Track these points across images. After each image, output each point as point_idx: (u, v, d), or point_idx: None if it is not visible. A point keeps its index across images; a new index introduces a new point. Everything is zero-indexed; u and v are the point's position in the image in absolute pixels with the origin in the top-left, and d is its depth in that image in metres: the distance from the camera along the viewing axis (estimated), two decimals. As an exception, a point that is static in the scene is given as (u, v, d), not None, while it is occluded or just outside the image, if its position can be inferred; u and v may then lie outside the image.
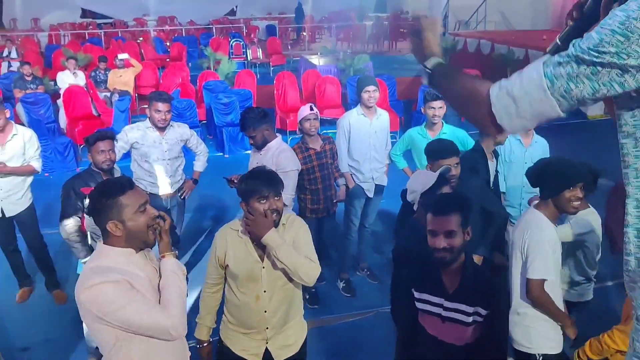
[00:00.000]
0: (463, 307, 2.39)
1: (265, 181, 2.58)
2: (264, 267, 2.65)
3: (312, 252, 2.73)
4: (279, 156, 3.96)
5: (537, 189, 2.95)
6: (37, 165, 4.63)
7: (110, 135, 3.98)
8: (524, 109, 1.22)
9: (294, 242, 2.67)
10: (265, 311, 2.68)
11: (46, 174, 7.81)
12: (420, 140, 4.57)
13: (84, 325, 3.30)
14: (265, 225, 2.52)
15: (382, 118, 4.77)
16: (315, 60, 12.65)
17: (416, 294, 2.53)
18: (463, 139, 4.56)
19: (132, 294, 2.02)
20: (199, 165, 4.98)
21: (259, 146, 4.05)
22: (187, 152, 4.97)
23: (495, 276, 3.28)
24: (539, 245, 2.68)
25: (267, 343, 2.75)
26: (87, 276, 2.04)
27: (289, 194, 3.90)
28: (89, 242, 3.80)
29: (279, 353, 2.77)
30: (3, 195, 4.55)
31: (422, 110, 4.72)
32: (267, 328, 2.72)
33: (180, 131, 4.73)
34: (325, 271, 5.25)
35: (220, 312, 2.89)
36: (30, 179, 4.71)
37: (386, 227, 5.92)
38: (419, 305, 2.53)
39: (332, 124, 9.98)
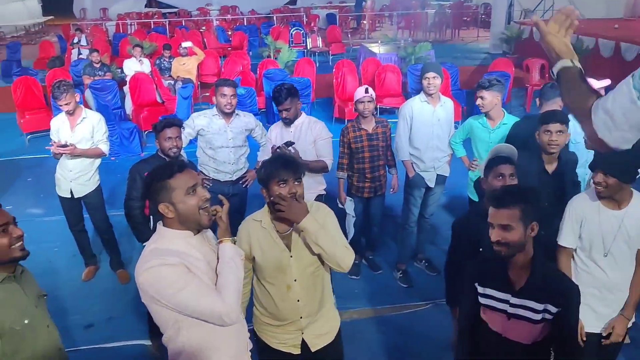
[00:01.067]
0: (531, 304, 2.28)
1: (284, 165, 2.53)
2: (292, 257, 2.61)
3: (343, 237, 2.68)
4: (315, 127, 4.29)
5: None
6: (104, 148, 4.77)
7: (177, 123, 4.02)
8: (620, 122, 1.25)
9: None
10: (298, 300, 2.65)
11: (112, 158, 8.06)
12: (480, 130, 4.43)
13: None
14: (301, 210, 2.48)
15: (447, 106, 4.65)
16: (376, 48, 12.46)
17: (480, 289, 2.43)
18: None
19: (188, 278, 2.04)
20: (263, 156, 4.91)
21: (291, 121, 4.25)
22: (253, 142, 4.98)
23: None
24: (564, 212, 2.98)
25: (302, 333, 2.71)
26: (146, 258, 2.08)
27: (330, 158, 4.32)
28: (152, 225, 3.88)
29: (315, 342, 2.74)
30: (72, 177, 4.72)
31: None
32: (301, 317, 2.68)
33: (245, 120, 4.73)
34: (382, 261, 5.21)
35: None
36: (98, 162, 4.87)
37: (447, 218, 5.79)
38: (482, 300, 2.43)
39: (392, 113, 9.89)
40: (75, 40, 13.39)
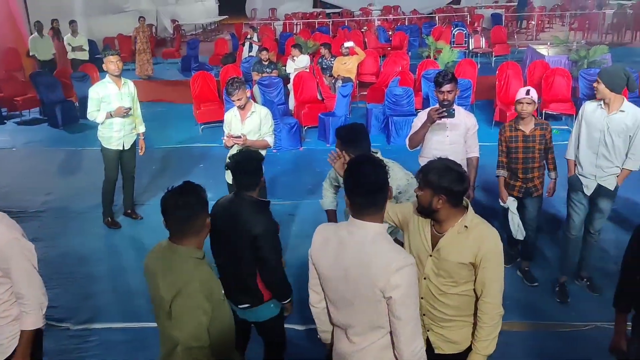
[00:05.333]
0: None
1: None
2: (431, 256, 2.58)
3: (496, 288, 2.52)
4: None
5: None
6: (270, 140, 5.09)
7: None
8: None
9: (482, 261, 2.48)
10: (422, 298, 2.62)
11: (274, 150, 8.50)
12: None
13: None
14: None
15: (628, 114, 4.14)
16: (544, 50, 11.79)
17: None
18: None
19: None
20: None
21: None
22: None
23: None
24: None
25: (427, 331, 2.69)
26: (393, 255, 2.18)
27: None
28: None
29: (439, 345, 2.70)
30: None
31: None
32: (423, 314, 2.64)
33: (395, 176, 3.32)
34: (538, 272, 4.95)
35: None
36: (263, 153, 5.18)
37: (617, 237, 5.37)
38: None
39: (558, 119, 9.31)
40: (248, 36, 14.30)
